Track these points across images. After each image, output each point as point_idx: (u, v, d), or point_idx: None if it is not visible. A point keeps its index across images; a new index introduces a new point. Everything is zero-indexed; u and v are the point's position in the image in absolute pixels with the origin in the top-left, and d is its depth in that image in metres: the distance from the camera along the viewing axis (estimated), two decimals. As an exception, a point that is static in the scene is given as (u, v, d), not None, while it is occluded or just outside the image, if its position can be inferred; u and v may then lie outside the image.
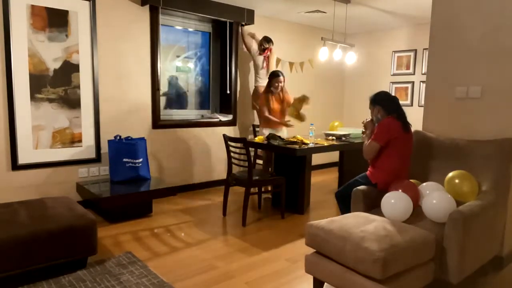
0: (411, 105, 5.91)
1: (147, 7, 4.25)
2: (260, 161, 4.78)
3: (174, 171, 4.70)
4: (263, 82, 5.01)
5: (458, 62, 2.95)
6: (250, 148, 3.76)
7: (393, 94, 2.96)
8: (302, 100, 4.41)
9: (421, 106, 5.53)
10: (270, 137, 4.02)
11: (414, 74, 5.90)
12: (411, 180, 2.73)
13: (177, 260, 2.88)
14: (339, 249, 2.05)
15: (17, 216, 2.55)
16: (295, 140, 3.94)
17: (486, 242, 2.47)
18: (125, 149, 3.91)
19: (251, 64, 5.28)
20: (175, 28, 4.83)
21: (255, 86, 5.10)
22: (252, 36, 5.09)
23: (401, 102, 2.93)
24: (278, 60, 5.28)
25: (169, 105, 4.91)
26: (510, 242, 2.81)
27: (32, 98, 3.59)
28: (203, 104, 5.29)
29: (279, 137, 4.03)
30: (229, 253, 3.01)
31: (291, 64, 5.48)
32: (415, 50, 5.86)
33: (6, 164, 3.53)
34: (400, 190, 2.49)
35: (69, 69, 3.77)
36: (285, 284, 2.56)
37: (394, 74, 6.14)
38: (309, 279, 2.41)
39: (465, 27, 2.90)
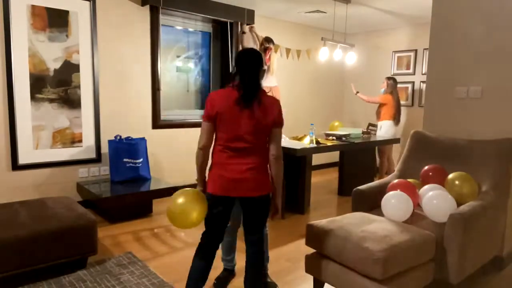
0: (411, 105, 5.90)
1: (147, 7, 4.25)
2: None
3: (174, 171, 4.69)
4: (266, 82, 5.01)
5: (458, 62, 2.96)
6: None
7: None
8: None
9: (421, 106, 5.53)
10: None
11: (414, 74, 5.89)
12: (409, 180, 2.73)
13: (177, 260, 2.88)
14: (339, 249, 2.05)
15: (17, 216, 2.55)
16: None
17: (486, 242, 2.47)
18: (125, 149, 3.91)
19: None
20: (175, 28, 4.83)
21: None
22: (252, 30, 5.09)
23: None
24: (277, 47, 5.37)
25: (169, 105, 4.91)
26: (510, 242, 2.81)
27: (33, 98, 3.59)
28: (203, 104, 5.29)
29: None
30: (229, 253, 3.01)
31: (287, 50, 5.60)
32: (415, 50, 5.86)
33: (6, 164, 3.53)
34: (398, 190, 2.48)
35: (69, 69, 3.77)
36: (285, 284, 2.56)
37: (394, 74, 6.12)
38: (309, 279, 2.41)
39: (465, 27, 2.90)
